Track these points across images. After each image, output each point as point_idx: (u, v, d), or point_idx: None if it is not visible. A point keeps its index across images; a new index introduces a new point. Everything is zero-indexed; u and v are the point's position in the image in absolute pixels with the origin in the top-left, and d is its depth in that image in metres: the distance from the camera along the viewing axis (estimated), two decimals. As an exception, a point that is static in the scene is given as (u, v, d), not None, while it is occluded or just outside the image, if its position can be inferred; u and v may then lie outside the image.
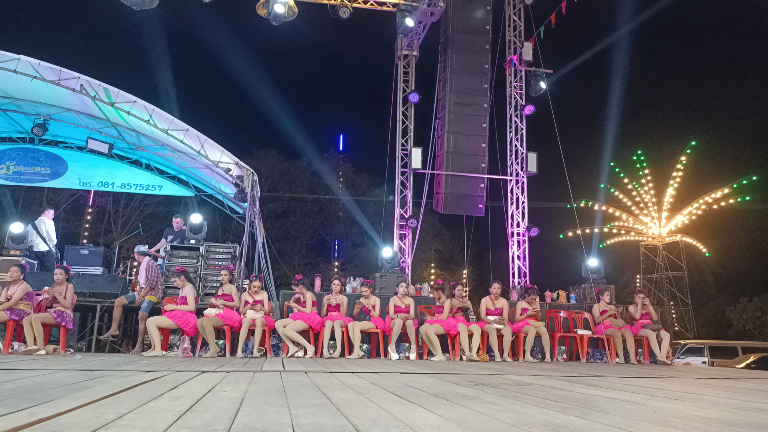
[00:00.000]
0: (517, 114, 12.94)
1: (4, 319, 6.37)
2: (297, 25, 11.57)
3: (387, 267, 9.36)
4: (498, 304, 7.40)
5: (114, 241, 18.12)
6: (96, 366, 4.15)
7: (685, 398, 2.74)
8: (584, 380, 3.76)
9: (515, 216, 12.66)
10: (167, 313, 6.65)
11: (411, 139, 12.50)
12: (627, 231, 26.85)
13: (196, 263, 8.51)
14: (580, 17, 14.99)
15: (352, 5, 11.75)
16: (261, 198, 10.69)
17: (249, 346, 6.89)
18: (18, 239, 8.74)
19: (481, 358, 6.82)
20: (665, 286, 25.81)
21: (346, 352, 6.90)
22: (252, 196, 9.21)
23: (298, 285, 7.19)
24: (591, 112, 35.64)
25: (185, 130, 8.81)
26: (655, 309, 8.31)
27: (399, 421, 1.76)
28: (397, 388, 2.82)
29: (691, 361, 14.18)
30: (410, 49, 13.09)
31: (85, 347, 7.75)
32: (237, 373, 3.72)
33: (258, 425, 1.61)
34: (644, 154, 26.55)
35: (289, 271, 16.36)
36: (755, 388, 3.58)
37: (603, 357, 7.90)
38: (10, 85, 8.81)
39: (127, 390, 2.48)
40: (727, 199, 24.31)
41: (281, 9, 10.82)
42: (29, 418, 1.63)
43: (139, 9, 10.45)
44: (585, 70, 17.71)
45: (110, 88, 8.36)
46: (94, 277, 8.34)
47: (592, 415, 1.98)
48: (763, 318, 25.96)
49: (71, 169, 11.24)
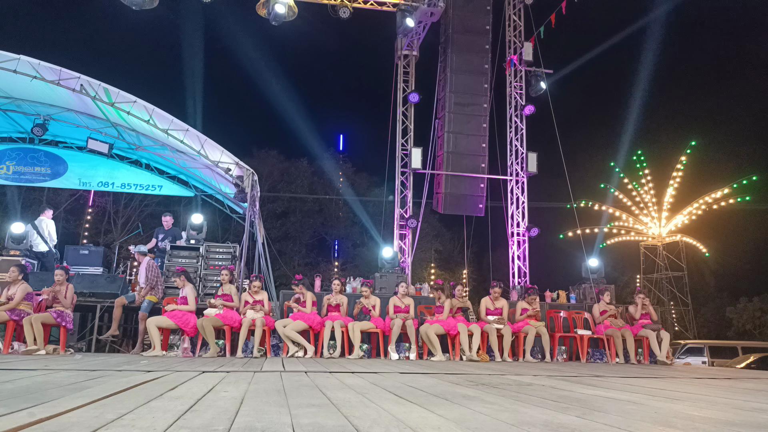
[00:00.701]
0: (517, 114, 12.94)
1: (4, 319, 6.37)
2: (297, 25, 11.57)
3: (387, 267, 9.36)
4: (498, 304, 7.40)
5: (114, 241, 18.12)
6: (96, 366, 4.15)
7: (685, 398, 2.74)
8: (584, 380, 3.76)
9: (515, 216, 12.66)
10: (167, 313, 6.65)
11: (411, 139, 12.50)
12: (627, 231, 26.85)
13: (196, 263, 8.51)
14: (580, 17, 15.00)
15: (352, 5, 11.75)
16: (261, 198, 10.69)
17: (249, 346, 6.89)
18: (19, 239, 8.74)
19: (481, 358, 6.82)
20: (665, 286, 25.81)
21: (346, 352, 6.90)
22: (252, 196, 9.21)
23: (298, 285, 7.19)
24: (591, 112, 35.67)
25: (185, 130, 8.82)
26: (655, 309, 8.31)
27: (399, 421, 1.76)
28: (397, 388, 2.82)
29: (691, 361, 14.18)
30: (410, 49, 13.09)
31: (85, 347, 7.75)
32: (237, 373, 3.72)
33: (258, 425, 1.61)
34: (644, 154, 26.57)
35: (289, 271, 16.36)
36: (755, 388, 3.58)
37: (603, 357, 7.90)
38: (10, 85, 8.81)
39: (127, 390, 2.48)
40: (727, 199, 24.31)
41: (282, 9, 10.81)
42: (29, 418, 1.63)
43: (139, 9, 10.45)
44: (585, 70, 17.73)
45: (110, 88, 8.35)
46: (94, 277, 8.33)
47: (592, 415, 1.98)
48: (763, 318, 25.96)
49: (71, 169, 11.24)
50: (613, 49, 19.33)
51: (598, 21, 19.86)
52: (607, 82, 37.70)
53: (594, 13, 18.82)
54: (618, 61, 36.32)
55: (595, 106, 39.93)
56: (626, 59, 32.65)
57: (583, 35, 19.20)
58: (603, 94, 40.03)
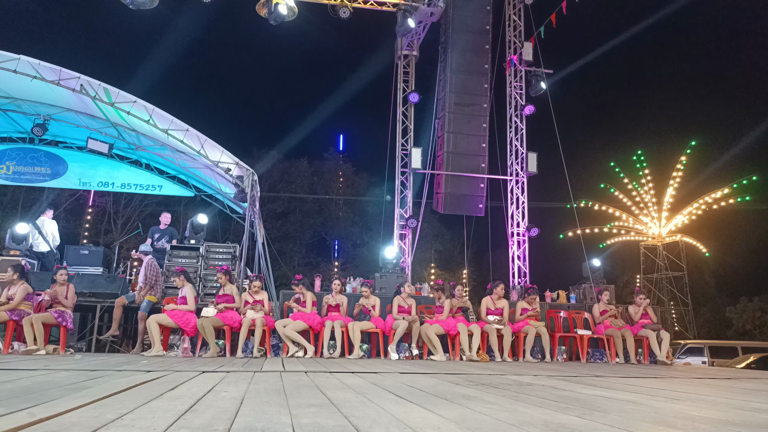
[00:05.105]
0: (517, 114, 12.94)
1: (4, 319, 6.37)
2: (297, 25, 11.57)
3: (389, 267, 9.36)
4: (498, 304, 7.40)
5: (114, 241, 18.12)
6: (96, 366, 4.15)
7: (685, 398, 2.74)
8: (584, 380, 3.76)
9: (515, 216, 12.66)
10: (167, 313, 6.65)
11: (411, 139, 12.51)
12: (627, 231, 26.83)
13: (196, 263, 8.50)
14: (580, 17, 15.00)
15: (352, 5, 11.75)
16: (261, 198, 10.69)
17: (249, 346, 6.89)
18: (21, 239, 8.75)
19: (481, 358, 6.81)
20: (665, 286, 25.79)
21: (346, 352, 6.90)
22: (252, 196, 9.21)
23: (298, 285, 7.19)
24: (591, 112, 35.67)
25: (185, 130, 8.81)
26: (655, 309, 8.30)
27: (399, 421, 1.76)
28: (397, 388, 2.82)
29: (691, 361, 14.17)
30: (410, 49, 13.09)
31: (85, 347, 7.75)
32: (237, 373, 3.72)
33: (258, 425, 1.61)
34: (644, 154, 26.54)
35: (289, 271, 16.36)
36: (755, 388, 3.58)
37: (603, 357, 7.90)
38: (10, 85, 8.81)
39: (127, 390, 2.48)
40: (727, 199, 24.29)
41: (284, 10, 10.81)
42: (29, 418, 1.63)
43: (137, 9, 10.44)
44: (585, 70, 17.74)
45: (110, 88, 8.35)
46: (94, 277, 8.34)
47: (592, 415, 1.98)
48: (763, 318, 25.95)
49: (71, 169, 11.24)
50: (613, 49, 19.36)
51: (598, 21, 19.87)
52: (608, 82, 37.73)
53: (594, 13, 18.84)
54: (618, 61, 36.38)
55: (595, 106, 39.93)
56: (626, 59, 32.70)
57: (583, 35, 19.22)
58: (603, 94, 40.07)
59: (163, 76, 18.80)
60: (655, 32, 33.59)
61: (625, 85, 41.85)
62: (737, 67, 37.74)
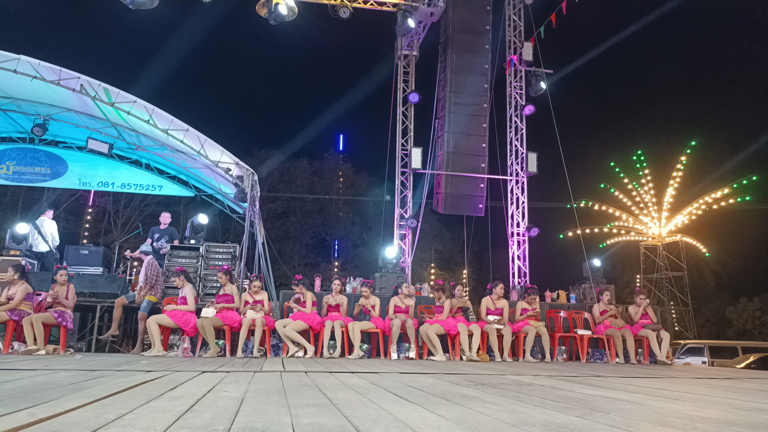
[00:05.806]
0: (517, 114, 12.94)
1: (4, 319, 6.37)
2: (297, 25, 11.57)
3: (389, 267, 9.36)
4: (498, 304, 7.40)
5: (114, 241, 18.12)
6: (96, 366, 4.15)
7: (685, 398, 2.74)
8: (584, 380, 3.76)
9: (515, 216, 12.66)
10: (167, 313, 6.65)
11: (411, 139, 12.50)
12: (627, 231, 26.83)
13: (196, 263, 8.50)
14: (580, 17, 15.00)
15: (352, 5, 11.75)
16: (261, 198, 10.69)
17: (249, 346, 6.89)
18: (21, 239, 8.76)
19: (481, 358, 6.81)
20: (665, 286, 25.80)
21: (346, 352, 6.90)
22: (252, 196, 9.21)
23: (298, 285, 7.19)
24: (591, 112, 35.67)
25: (185, 130, 8.81)
26: (655, 309, 8.31)
27: (399, 421, 1.76)
28: (397, 388, 2.82)
29: (691, 361, 14.18)
30: (410, 49, 13.09)
31: (85, 347, 7.75)
32: (237, 373, 3.72)
33: (258, 425, 1.61)
34: (644, 154, 26.54)
35: (289, 271, 16.36)
36: (755, 388, 3.58)
37: (603, 357, 7.90)
38: (10, 85, 8.81)
39: (127, 390, 2.48)
40: (727, 199, 24.29)
41: (284, 10, 10.81)
42: (29, 418, 1.63)
43: (137, 9, 10.44)
44: (585, 70, 17.75)
45: (110, 88, 8.35)
46: (94, 277, 8.34)
47: (592, 415, 1.98)
48: (763, 318, 25.95)
49: (71, 169, 11.24)
50: (613, 49, 19.35)
51: (598, 21, 19.86)
52: (608, 81, 37.76)
53: (594, 13, 18.84)
54: (618, 60, 36.38)
55: (595, 106, 39.95)
56: (626, 59, 32.69)
57: (583, 35, 19.22)
58: (603, 94, 40.07)
59: (163, 76, 18.83)
60: (655, 32, 33.63)
61: (624, 85, 41.89)
62: (737, 67, 37.76)
